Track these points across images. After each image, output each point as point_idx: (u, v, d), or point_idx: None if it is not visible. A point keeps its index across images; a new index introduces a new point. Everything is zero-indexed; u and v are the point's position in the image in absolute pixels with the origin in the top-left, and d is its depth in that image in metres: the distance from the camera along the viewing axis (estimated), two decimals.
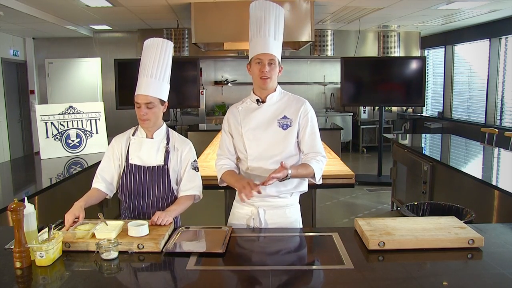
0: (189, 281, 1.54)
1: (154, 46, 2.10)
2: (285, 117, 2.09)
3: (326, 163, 2.14)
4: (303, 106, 2.11)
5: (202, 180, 2.23)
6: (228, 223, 2.27)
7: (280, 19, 2.11)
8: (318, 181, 2.09)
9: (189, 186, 2.16)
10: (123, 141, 2.18)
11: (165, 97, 2.14)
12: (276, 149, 2.08)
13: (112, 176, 2.16)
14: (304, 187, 2.18)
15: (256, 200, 2.10)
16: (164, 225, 1.91)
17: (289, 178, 1.96)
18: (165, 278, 1.61)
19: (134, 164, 2.13)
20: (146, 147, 2.13)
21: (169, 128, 2.22)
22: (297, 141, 2.12)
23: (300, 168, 2.03)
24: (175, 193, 2.19)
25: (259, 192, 1.90)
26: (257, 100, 2.12)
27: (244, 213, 2.18)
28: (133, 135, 2.17)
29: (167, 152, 2.14)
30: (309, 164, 2.03)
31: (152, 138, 2.14)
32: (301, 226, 2.22)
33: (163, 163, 2.12)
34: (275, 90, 2.13)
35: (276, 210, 2.13)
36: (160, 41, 2.13)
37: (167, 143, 2.16)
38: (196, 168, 2.19)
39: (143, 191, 2.12)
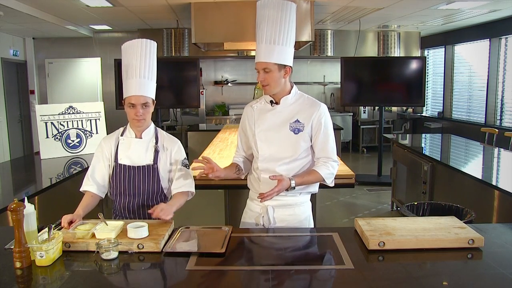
0: (189, 281, 1.54)
1: (139, 47, 2.11)
2: (297, 121, 2.07)
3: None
4: (317, 112, 2.07)
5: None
6: (241, 222, 2.28)
7: (286, 16, 1.99)
8: (330, 183, 2.13)
9: (183, 183, 2.17)
10: (112, 141, 2.19)
11: (154, 97, 2.17)
12: (286, 152, 2.08)
13: (103, 177, 2.17)
14: (313, 189, 2.18)
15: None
16: (165, 221, 1.92)
17: (294, 188, 2.01)
18: (165, 278, 1.61)
19: (123, 164, 2.14)
20: (135, 147, 2.15)
21: (157, 127, 2.24)
22: (310, 145, 2.12)
23: (307, 175, 2.07)
24: (165, 192, 2.20)
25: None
26: (271, 102, 2.11)
27: (255, 211, 2.19)
28: (121, 135, 2.19)
29: (156, 151, 2.16)
30: (316, 170, 2.06)
31: (141, 138, 2.16)
32: (312, 224, 2.23)
33: (152, 162, 2.14)
34: (289, 92, 2.10)
35: (286, 208, 2.13)
36: (144, 41, 2.14)
37: (156, 142, 2.17)
38: (187, 166, 2.21)
39: (133, 190, 2.14)
